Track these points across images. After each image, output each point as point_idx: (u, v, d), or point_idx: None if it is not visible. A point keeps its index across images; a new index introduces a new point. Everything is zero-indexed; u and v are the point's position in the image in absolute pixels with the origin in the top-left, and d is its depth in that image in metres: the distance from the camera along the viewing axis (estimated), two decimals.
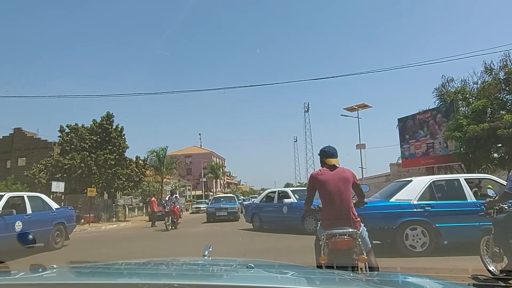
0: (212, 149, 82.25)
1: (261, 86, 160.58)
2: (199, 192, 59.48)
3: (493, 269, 4.94)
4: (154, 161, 35.34)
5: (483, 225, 5.28)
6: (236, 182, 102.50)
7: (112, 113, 26.84)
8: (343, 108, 26.45)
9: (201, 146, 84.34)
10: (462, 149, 16.39)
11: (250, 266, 1.76)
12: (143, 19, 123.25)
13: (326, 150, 3.95)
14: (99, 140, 26.05)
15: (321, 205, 3.90)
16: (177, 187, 55.64)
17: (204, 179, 58.29)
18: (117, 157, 25.30)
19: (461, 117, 16.01)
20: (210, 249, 2.35)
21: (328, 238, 3.48)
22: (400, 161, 23.44)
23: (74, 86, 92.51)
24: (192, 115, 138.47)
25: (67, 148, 24.78)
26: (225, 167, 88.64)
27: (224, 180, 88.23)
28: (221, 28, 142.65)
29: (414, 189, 7.12)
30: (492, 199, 5.02)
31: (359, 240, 3.50)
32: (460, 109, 17.48)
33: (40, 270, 1.78)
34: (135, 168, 26.53)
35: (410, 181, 7.58)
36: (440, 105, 18.91)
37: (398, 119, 21.38)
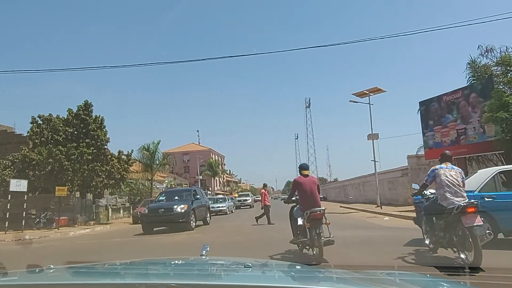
0: (212, 147, 79.14)
1: (261, 85, 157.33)
2: None
3: (428, 242, 6.31)
4: (145, 157, 32.20)
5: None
6: (236, 180, 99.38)
7: (91, 102, 23.74)
8: (352, 94, 23.35)
9: (199, 143, 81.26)
10: (505, 134, 13.18)
11: (247, 265, 1.78)
12: (138, 17, 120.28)
13: (302, 165, 7.09)
14: (75, 132, 22.95)
15: (296, 197, 6.97)
16: (173, 186, 52.62)
17: (201, 177, 55.00)
18: (95, 151, 22.18)
19: (507, 94, 12.82)
20: (208, 249, 2.28)
21: (310, 213, 6.12)
22: (420, 153, 20.26)
23: (72, 85, 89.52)
24: (191, 113, 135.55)
25: (36, 141, 21.66)
26: (224, 164, 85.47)
27: (224, 178, 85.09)
28: (219, 26, 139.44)
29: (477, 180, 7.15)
30: (416, 191, 6.53)
31: (324, 213, 6.30)
32: (499, 87, 14.25)
33: (37, 270, 1.79)
34: (116, 163, 23.37)
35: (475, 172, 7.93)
36: (473, 82, 15.70)
37: (419, 102, 18.17)
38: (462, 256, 5.24)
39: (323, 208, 6.29)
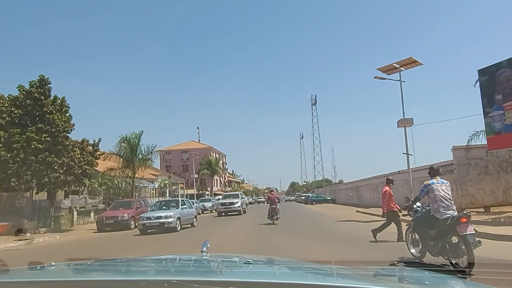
0: (213, 146, 74.30)
1: (264, 84, 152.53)
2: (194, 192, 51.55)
3: (413, 252, 6.77)
4: (126, 151, 27.33)
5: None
6: (239, 180, 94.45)
7: (48, 78, 18.93)
8: (377, 69, 18.31)
9: (199, 140, 76.37)
10: None
11: (248, 261, 1.79)
12: (141, 14, 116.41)
13: (271, 189, 33.72)
14: (25, 115, 18.16)
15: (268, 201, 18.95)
16: (167, 185, 47.82)
17: (197, 176, 50.03)
18: (48, 138, 17.38)
19: None
20: (208, 245, 2.29)
21: (271, 207, 17.38)
22: (474, 142, 15.22)
23: (70, 80, 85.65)
24: (192, 111, 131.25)
25: None
26: (226, 163, 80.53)
27: (225, 178, 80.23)
28: (220, 24, 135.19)
29: None
30: (409, 204, 7.02)
31: (278, 207, 17.69)
32: None
33: (38, 267, 1.77)
34: (77, 155, 18.54)
35: None
36: None
37: (479, 71, 13.09)
38: (453, 262, 5.62)
39: (277, 206, 17.12)
